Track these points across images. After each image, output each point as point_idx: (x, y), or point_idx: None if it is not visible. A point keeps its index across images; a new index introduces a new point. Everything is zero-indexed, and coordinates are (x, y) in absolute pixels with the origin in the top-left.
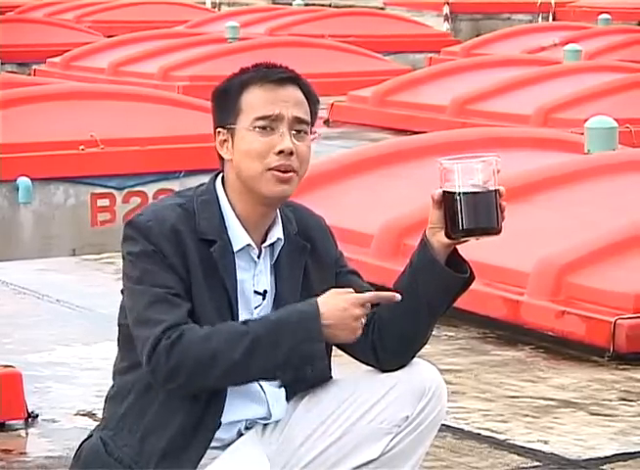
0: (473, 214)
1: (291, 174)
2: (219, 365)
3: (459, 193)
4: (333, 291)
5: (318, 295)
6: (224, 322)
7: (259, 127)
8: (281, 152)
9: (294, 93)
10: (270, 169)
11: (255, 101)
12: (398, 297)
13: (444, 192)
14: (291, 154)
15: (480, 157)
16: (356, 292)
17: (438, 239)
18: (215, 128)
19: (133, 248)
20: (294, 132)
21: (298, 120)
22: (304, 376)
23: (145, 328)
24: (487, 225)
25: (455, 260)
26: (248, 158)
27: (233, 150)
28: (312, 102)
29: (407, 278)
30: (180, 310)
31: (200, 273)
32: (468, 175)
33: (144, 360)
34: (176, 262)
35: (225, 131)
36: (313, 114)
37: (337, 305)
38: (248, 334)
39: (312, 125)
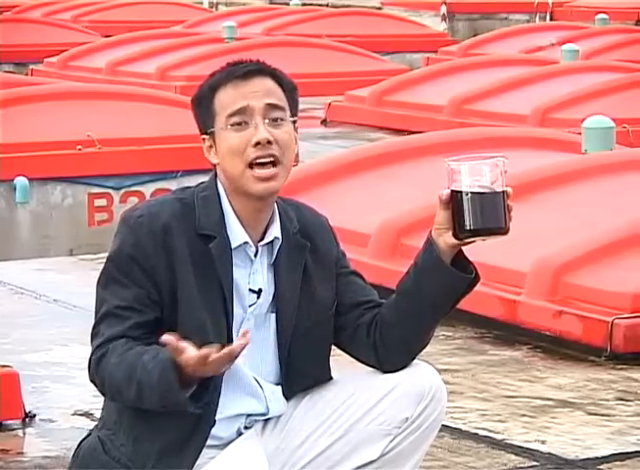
0: (480, 215)
1: (272, 171)
2: (124, 398)
3: (466, 193)
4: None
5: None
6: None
7: (233, 124)
8: (258, 143)
9: (262, 83)
10: (250, 165)
11: (225, 100)
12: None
13: (452, 192)
14: (269, 143)
15: (487, 157)
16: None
17: (445, 240)
18: (201, 136)
19: (114, 245)
20: (268, 121)
21: (272, 107)
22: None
23: (92, 340)
24: (495, 226)
25: (460, 262)
26: (229, 156)
27: (217, 153)
28: (287, 89)
29: (412, 279)
30: (122, 325)
31: (190, 270)
32: (475, 176)
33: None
34: (156, 264)
35: (208, 137)
36: (291, 100)
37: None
38: (136, 375)
39: (294, 114)
